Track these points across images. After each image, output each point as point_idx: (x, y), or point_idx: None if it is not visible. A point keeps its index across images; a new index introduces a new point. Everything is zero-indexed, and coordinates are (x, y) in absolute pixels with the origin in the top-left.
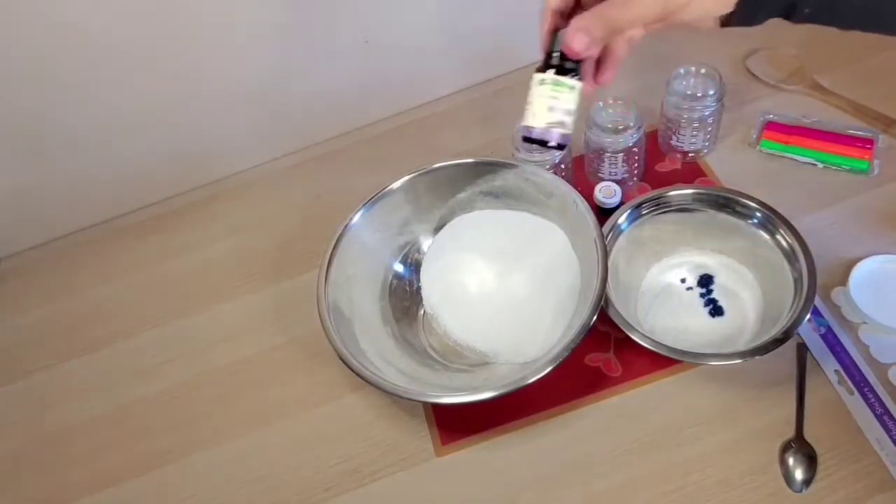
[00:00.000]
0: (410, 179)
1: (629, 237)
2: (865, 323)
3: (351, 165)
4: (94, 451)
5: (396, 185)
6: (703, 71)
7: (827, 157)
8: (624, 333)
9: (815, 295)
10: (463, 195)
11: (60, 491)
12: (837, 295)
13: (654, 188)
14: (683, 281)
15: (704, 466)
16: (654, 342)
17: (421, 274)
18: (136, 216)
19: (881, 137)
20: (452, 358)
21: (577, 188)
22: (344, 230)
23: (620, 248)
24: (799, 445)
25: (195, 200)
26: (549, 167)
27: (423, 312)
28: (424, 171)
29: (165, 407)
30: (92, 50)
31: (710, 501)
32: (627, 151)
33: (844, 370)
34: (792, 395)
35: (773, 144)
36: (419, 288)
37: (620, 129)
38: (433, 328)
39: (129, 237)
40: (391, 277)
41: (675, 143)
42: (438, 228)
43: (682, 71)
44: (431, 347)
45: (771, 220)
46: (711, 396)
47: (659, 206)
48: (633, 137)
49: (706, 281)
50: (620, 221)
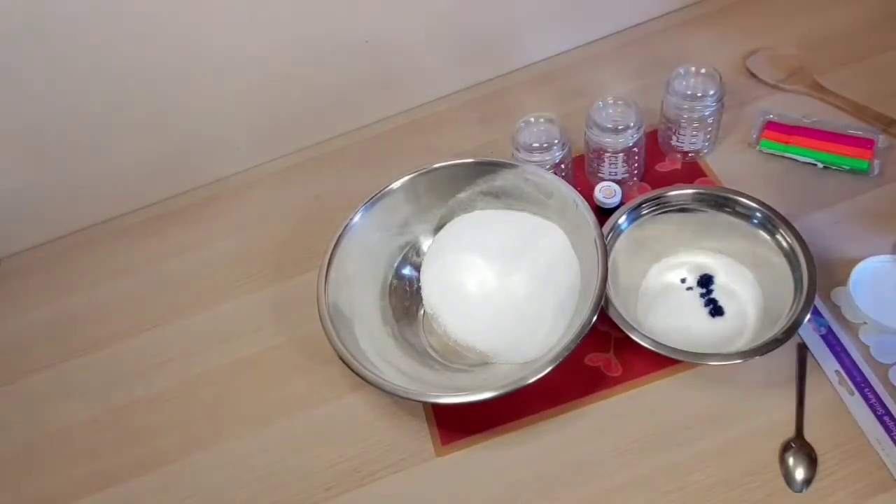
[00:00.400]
0: (410, 179)
1: (629, 237)
2: (866, 323)
3: (351, 165)
4: (94, 451)
5: (396, 185)
6: (703, 71)
7: (827, 157)
8: (624, 333)
9: (815, 295)
10: (463, 195)
11: (60, 491)
12: (837, 295)
13: (654, 188)
14: (683, 281)
15: (704, 466)
16: (654, 342)
17: (421, 274)
18: (136, 216)
19: (881, 137)
20: (452, 358)
21: (577, 188)
22: (344, 230)
23: (620, 248)
24: (799, 445)
25: (195, 200)
26: (549, 167)
27: (423, 312)
28: (424, 171)
29: (165, 407)
30: (91, 49)
31: (710, 501)
32: (627, 151)
33: (845, 370)
34: (792, 395)
35: (773, 144)
36: (419, 288)
37: (620, 129)
38: (433, 328)
39: (129, 237)
40: (391, 277)
41: (675, 143)
42: (438, 228)
43: (682, 71)
44: (431, 347)
45: (771, 220)
46: (712, 396)
47: (659, 206)
48: (633, 137)
49: (706, 281)
50: (620, 221)
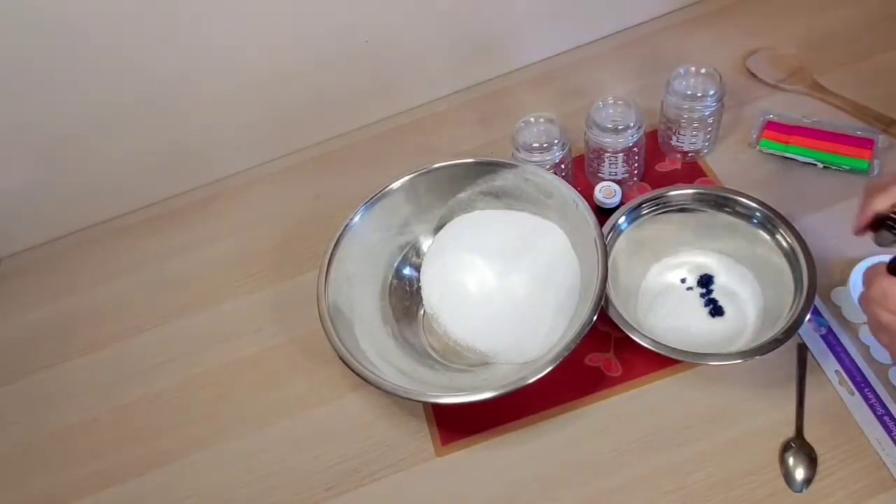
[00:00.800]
0: (410, 179)
1: (629, 237)
2: (866, 323)
3: (351, 165)
4: (94, 450)
5: (396, 185)
6: (703, 71)
7: (827, 157)
8: (624, 333)
9: (815, 295)
10: (463, 195)
11: (61, 490)
12: (837, 295)
13: (654, 188)
14: (683, 281)
15: (704, 466)
16: (654, 342)
17: (421, 274)
18: (136, 216)
19: (881, 137)
20: (452, 358)
21: (577, 188)
22: (344, 230)
23: (620, 248)
24: (799, 445)
25: (195, 200)
26: (549, 167)
27: (423, 312)
28: (424, 171)
29: (165, 407)
30: (92, 49)
31: (710, 501)
32: (627, 151)
33: (845, 370)
34: (792, 395)
35: (773, 144)
36: (419, 288)
37: (620, 129)
38: (433, 328)
39: (129, 237)
40: (391, 277)
41: (675, 143)
42: (438, 228)
43: (682, 71)
44: (431, 347)
45: (771, 220)
46: (712, 396)
47: (659, 206)
48: (633, 137)
49: (706, 281)
50: (620, 221)
